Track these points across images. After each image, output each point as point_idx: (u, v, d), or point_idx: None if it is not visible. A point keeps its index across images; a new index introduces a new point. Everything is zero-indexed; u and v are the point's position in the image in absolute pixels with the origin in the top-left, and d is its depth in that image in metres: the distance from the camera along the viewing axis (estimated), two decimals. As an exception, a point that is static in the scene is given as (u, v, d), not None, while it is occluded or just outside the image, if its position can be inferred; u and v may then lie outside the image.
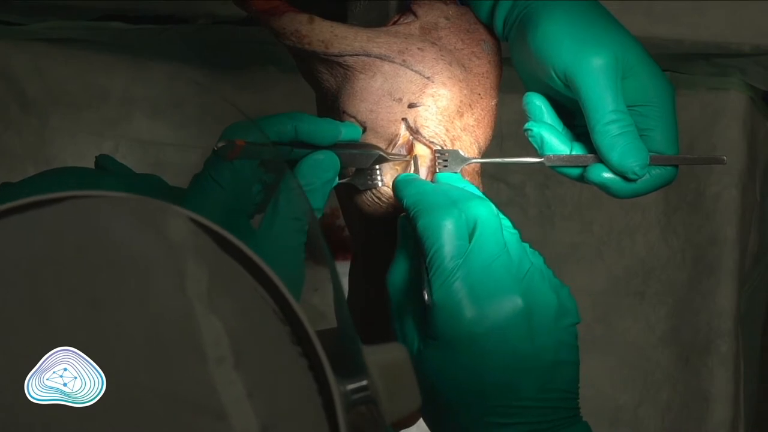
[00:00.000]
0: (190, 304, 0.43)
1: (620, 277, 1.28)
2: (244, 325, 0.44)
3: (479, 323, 0.64)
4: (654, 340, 1.26)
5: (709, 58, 1.24)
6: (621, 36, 0.72)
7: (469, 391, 0.65)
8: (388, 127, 0.74)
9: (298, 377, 0.44)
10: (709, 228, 1.25)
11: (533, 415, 0.65)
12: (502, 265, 0.65)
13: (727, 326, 1.23)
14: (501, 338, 0.64)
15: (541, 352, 0.65)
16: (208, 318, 0.43)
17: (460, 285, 0.64)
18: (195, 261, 0.44)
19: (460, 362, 0.64)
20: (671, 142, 0.72)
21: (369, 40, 0.74)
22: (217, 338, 0.42)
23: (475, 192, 0.72)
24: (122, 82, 1.30)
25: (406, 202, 0.69)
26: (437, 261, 0.65)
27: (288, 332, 0.45)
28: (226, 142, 0.68)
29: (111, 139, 1.29)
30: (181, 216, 0.46)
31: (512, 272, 0.65)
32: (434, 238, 0.65)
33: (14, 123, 1.29)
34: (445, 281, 0.64)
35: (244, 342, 0.43)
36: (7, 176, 0.81)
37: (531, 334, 0.64)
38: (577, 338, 0.67)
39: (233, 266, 0.46)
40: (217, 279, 0.44)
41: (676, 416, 1.23)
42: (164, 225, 0.45)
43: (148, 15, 1.25)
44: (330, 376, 0.44)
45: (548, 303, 0.66)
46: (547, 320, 0.65)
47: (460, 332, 0.64)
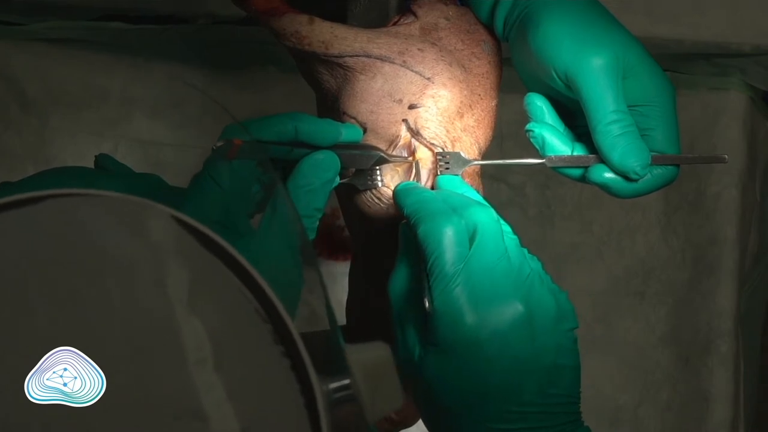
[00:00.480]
0: (170, 306, 0.43)
1: (620, 277, 1.28)
2: (225, 326, 0.44)
3: (480, 329, 0.64)
4: (654, 340, 1.26)
5: (710, 58, 1.24)
6: (621, 36, 0.72)
7: (471, 397, 0.65)
8: (389, 129, 0.74)
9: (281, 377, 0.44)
10: (709, 228, 1.25)
11: (534, 419, 0.65)
12: (503, 271, 0.65)
13: (727, 326, 1.23)
14: (502, 343, 0.64)
15: (541, 357, 0.65)
16: (188, 320, 0.43)
17: (460, 291, 0.64)
18: (176, 260, 0.44)
19: (461, 368, 0.64)
20: (672, 141, 0.72)
21: (369, 40, 0.74)
22: (197, 340, 0.42)
23: (476, 197, 0.72)
24: (122, 82, 1.30)
25: (406, 210, 0.69)
26: (438, 267, 0.65)
27: (270, 331, 0.45)
28: (224, 142, 0.68)
29: (111, 139, 1.29)
30: (163, 215, 0.45)
31: (512, 277, 0.65)
32: (435, 244, 0.65)
33: (14, 123, 1.29)
34: (445, 287, 0.64)
35: (225, 343, 0.43)
36: (7, 176, 0.81)
37: (531, 338, 0.64)
38: (576, 343, 0.67)
39: (216, 265, 0.45)
40: (199, 279, 0.44)
41: (676, 416, 1.23)
42: (146, 224, 0.45)
43: (148, 15, 1.25)
44: (312, 376, 0.44)
45: (548, 307, 0.66)
46: (547, 325, 0.65)
47: (460, 338, 0.64)
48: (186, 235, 0.45)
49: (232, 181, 0.71)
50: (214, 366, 0.42)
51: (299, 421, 0.44)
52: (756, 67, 1.24)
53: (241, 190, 0.72)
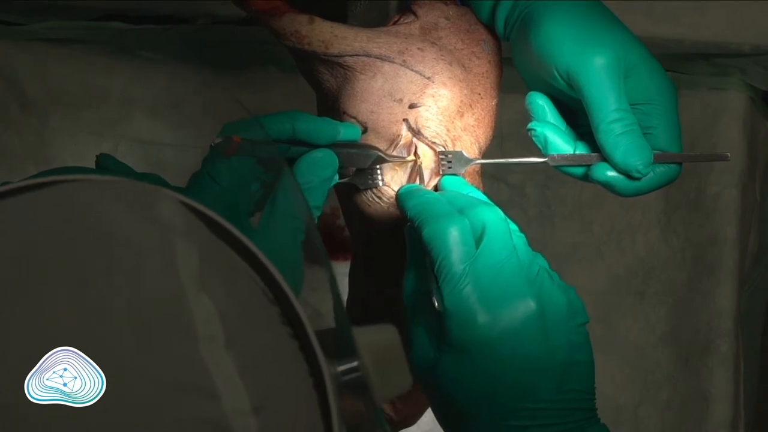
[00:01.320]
0: (180, 284, 0.42)
1: (620, 276, 1.28)
2: (235, 306, 0.44)
3: (493, 327, 0.64)
4: (654, 340, 1.26)
5: (710, 58, 1.24)
6: (622, 35, 0.72)
7: (486, 396, 0.65)
8: (389, 128, 0.74)
9: (289, 358, 0.44)
10: (709, 228, 1.25)
11: (551, 416, 0.65)
12: (513, 268, 0.65)
13: (727, 326, 1.23)
14: (516, 341, 0.64)
15: (555, 353, 0.65)
16: (198, 297, 0.42)
17: (470, 290, 0.64)
18: (185, 241, 0.44)
19: (476, 367, 0.64)
20: (674, 139, 0.72)
21: (369, 40, 0.74)
22: (208, 317, 0.42)
23: (481, 197, 0.72)
24: (122, 82, 1.30)
25: (409, 213, 0.69)
26: (445, 268, 0.65)
27: (278, 313, 0.45)
28: (223, 138, 0.68)
29: (111, 139, 1.29)
30: (170, 198, 0.45)
31: (523, 275, 0.65)
32: (440, 245, 0.65)
33: (14, 123, 1.29)
34: (455, 287, 0.64)
35: (235, 322, 0.43)
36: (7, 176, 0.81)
37: (545, 335, 0.64)
38: (588, 337, 0.67)
39: (223, 248, 0.45)
40: (208, 259, 0.44)
41: (676, 416, 1.23)
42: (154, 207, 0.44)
43: (148, 15, 1.25)
44: (321, 358, 0.44)
45: (559, 303, 0.66)
46: (559, 321, 0.65)
47: (473, 337, 0.64)
48: (193, 218, 0.45)
49: (231, 179, 0.71)
50: (225, 343, 0.42)
51: (308, 401, 0.43)
52: (756, 67, 1.24)
53: (239, 188, 0.72)
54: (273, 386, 0.43)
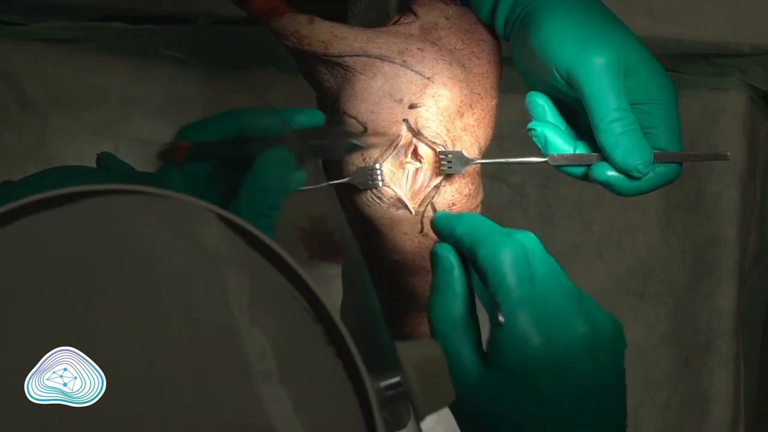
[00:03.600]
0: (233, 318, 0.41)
1: (620, 277, 1.28)
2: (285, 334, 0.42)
3: (547, 350, 0.62)
4: (654, 340, 1.26)
5: (709, 58, 1.24)
6: (623, 34, 0.72)
7: (531, 419, 0.63)
8: (390, 128, 0.74)
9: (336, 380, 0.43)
10: (709, 228, 1.25)
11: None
12: (561, 291, 0.64)
13: (727, 326, 1.23)
14: (568, 365, 0.63)
15: (603, 379, 0.64)
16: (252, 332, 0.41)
17: (528, 313, 0.63)
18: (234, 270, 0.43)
19: (525, 389, 0.63)
20: (675, 139, 0.72)
21: (369, 40, 0.74)
22: (262, 352, 0.41)
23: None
24: (122, 82, 1.30)
25: (458, 231, 0.67)
26: (503, 289, 0.63)
27: (321, 332, 0.44)
28: (167, 145, 0.65)
29: (111, 139, 1.29)
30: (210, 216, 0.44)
31: (570, 298, 0.64)
32: (498, 266, 0.64)
33: (14, 123, 1.29)
34: (513, 309, 0.63)
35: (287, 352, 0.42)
36: (7, 176, 0.80)
37: (593, 360, 0.63)
38: (624, 362, 0.66)
39: (266, 267, 0.44)
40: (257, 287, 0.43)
41: (676, 416, 1.23)
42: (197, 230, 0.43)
43: (148, 15, 1.25)
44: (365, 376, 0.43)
45: (606, 327, 0.65)
46: (606, 346, 0.64)
47: (528, 359, 0.62)
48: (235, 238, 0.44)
49: (186, 187, 0.68)
50: (279, 378, 0.41)
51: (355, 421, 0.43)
52: (756, 67, 1.24)
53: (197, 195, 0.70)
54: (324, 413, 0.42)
